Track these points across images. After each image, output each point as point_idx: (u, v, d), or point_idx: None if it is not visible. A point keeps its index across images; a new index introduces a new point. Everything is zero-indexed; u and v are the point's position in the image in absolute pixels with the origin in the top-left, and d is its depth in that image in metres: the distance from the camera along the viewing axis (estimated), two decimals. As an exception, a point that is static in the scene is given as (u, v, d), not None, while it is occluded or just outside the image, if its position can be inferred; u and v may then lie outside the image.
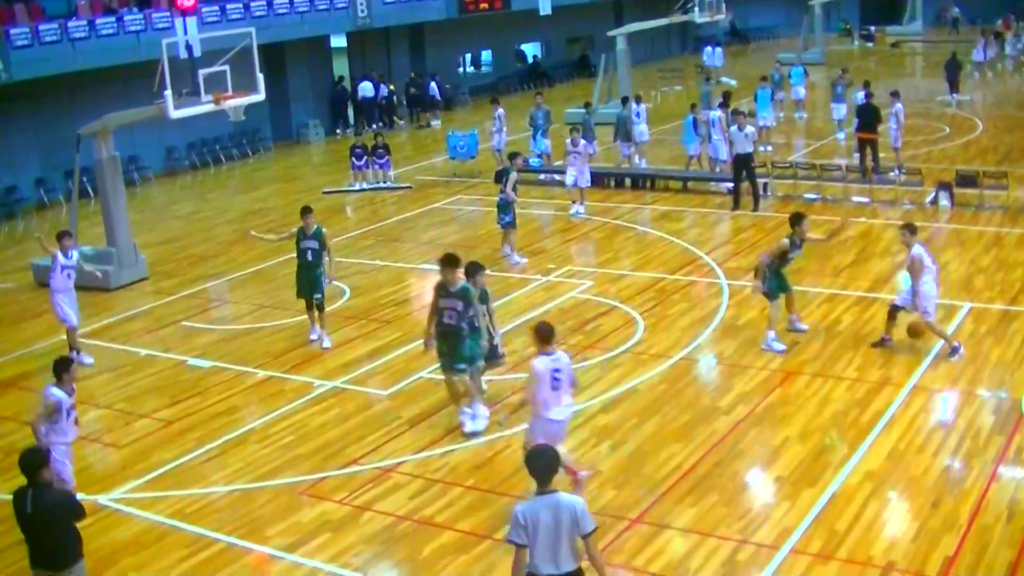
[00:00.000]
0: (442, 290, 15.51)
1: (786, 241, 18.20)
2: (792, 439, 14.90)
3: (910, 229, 17.49)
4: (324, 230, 19.89)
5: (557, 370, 12.85)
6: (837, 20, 70.24)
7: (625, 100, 33.53)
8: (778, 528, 12.69)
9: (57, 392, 13.29)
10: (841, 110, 35.59)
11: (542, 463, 9.36)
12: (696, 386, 17.21)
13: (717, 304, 20.43)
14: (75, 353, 19.47)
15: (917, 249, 17.22)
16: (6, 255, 28.81)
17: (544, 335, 12.90)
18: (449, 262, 15.49)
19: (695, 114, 32.06)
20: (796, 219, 18.52)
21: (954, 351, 17.26)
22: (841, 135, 35.58)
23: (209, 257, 26.63)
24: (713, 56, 53.85)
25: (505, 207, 24.08)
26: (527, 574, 9.38)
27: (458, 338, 15.43)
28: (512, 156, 25.32)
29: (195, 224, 30.92)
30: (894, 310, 17.68)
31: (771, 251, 18.46)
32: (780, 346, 18.03)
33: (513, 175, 24.14)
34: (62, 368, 13.43)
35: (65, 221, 27.53)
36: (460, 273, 15.55)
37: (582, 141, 28.75)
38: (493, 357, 16.29)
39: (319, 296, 19.59)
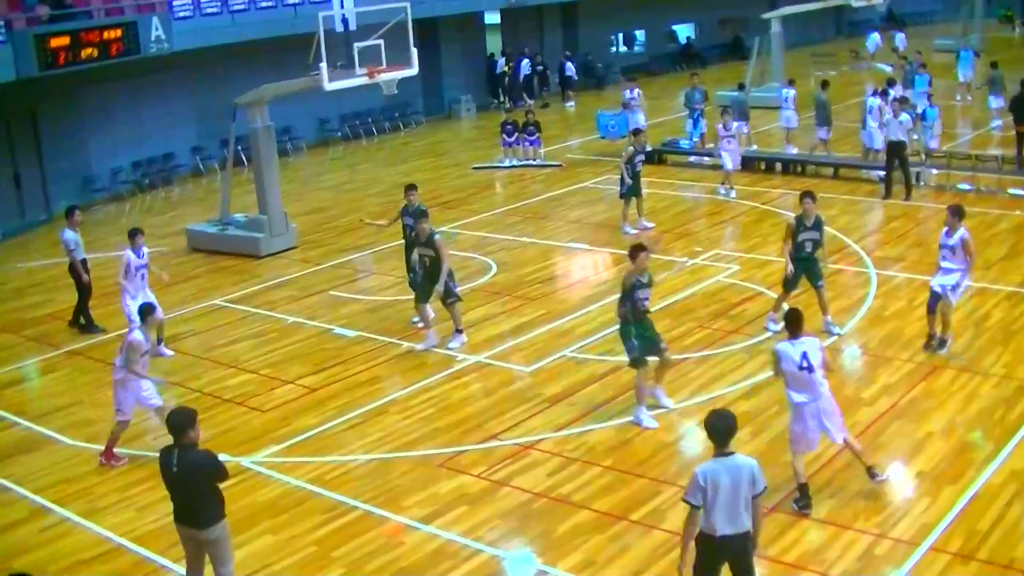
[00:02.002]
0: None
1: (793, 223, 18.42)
2: (935, 434, 14.62)
3: (958, 213, 16.59)
4: (424, 208, 19.37)
5: None
6: (998, 6, 68.15)
7: (825, 84, 32.34)
8: (917, 524, 12.47)
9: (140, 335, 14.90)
10: (998, 101, 34.60)
11: (723, 426, 9.69)
12: (839, 376, 16.88)
13: (864, 294, 20.07)
14: (159, 344, 18.86)
15: (964, 232, 16.54)
16: (163, 219, 29.59)
17: None
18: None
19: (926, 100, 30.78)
20: (805, 195, 18.41)
21: (942, 344, 17.07)
22: (997, 124, 34.63)
23: (357, 228, 26.96)
24: (880, 42, 52.85)
25: (622, 178, 25.02)
26: (699, 534, 9.64)
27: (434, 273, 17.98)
28: (635, 132, 26.10)
29: (344, 195, 31.39)
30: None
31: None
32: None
33: (630, 149, 25.14)
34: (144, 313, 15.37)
35: (219, 188, 28.16)
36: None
37: (734, 124, 28.51)
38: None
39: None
